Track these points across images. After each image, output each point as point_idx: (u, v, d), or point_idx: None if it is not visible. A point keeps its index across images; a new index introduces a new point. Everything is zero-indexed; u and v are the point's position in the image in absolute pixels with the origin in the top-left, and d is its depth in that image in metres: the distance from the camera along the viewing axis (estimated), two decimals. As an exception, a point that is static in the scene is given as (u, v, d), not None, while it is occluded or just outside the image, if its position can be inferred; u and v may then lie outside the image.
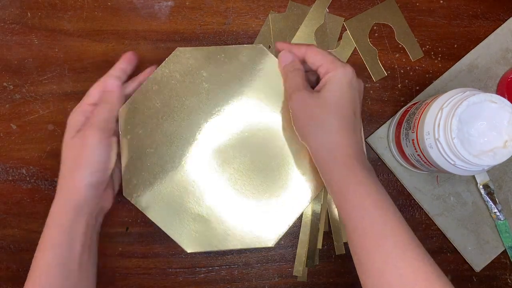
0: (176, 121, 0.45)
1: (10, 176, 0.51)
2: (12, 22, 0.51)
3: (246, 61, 0.46)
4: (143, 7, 0.52)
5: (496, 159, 0.39)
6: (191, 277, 0.52)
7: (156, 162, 0.45)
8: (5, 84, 0.51)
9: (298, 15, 0.53)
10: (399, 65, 0.53)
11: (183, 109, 0.45)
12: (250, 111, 0.45)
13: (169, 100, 0.45)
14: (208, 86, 0.45)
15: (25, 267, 0.50)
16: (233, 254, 0.52)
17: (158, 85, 0.45)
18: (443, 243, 0.53)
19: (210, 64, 0.46)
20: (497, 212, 0.51)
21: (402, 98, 0.53)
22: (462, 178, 0.52)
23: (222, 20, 0.53)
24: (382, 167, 0.53)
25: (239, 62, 0.46)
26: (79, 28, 0.52)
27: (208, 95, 0.45)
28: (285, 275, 0.52)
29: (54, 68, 0.51)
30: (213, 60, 0.46)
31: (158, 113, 0.45)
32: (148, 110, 0.45)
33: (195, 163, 0.45)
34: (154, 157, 0.45)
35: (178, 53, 0.46)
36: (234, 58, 0.46)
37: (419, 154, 0.44)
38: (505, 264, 0.53)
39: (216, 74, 0.46)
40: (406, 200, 0.53)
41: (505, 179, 0.52)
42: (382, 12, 0.53)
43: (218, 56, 0.46)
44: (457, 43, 0.53)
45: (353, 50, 0.53)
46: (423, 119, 0.42)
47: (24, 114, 0.51)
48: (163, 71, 0.46)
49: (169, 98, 0.45)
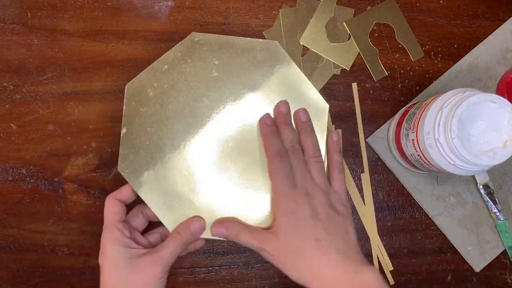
0: (180, 105, 0.45)
1: (10, 176, 0.51)
2: (12, 22, 0.51)
3: (259, 56, 0.45)
4: (143, 7, 0.52)
5: (496, 159, 0.39)
6: (191, 277, 0.52)
7: (155, 142, 0.44)
8: (5, 84, 0.51)
9: (308, 9, 0.53)
10: (399, 65, 0.53)
11: (189, 94, 0.45)
12: (255, 106, 0.45)
13: (177, 83, 0.45)
14: (217, 75, 0.45)
15: (25, 267, 0.50)
16: (233, 254, 0.52)
17: (168, 66, 0.45)
18: (443, 243, 0.53)
19: (223, 54, 0.45)
20: (497, 212, 0.51)
21: (402, 98, 0.53)
22: (462, 178, 0.52)
23: (222, 20, 0.53)
24: (382, 167, 0.53)
25: (252, 56, 0.46)
26: (79, 28, 0.52)
27: (217, 84, 0.45)
28: (285, 275, 0.52)
29: (54, 68, 0.51)
30: (226, 49, 0.45)
31: (164, 95, 0.45)
32: (155, 90, 0.45)
33: (194, 149, 0.44)
34: (154, 137, 0.44)
35: (193, 38, 0.46)
36: (248, 51, 0.45)
37: (419, 154, 0.44)
38: (505, 264, 0.53)
39: (227, 64, 0.45)
40: (406, 200, 0.53)
41: (505, 179, 0.52)
42: (382, 12, 0.53)
43: (232, 46, 0.45)
44: (457, 43, 0.53)
45: (357, 53, 0.53)
46: (423, 119, 0.42)
47: (24, 114, 0.51)
48: (175, 54, 0.45)
49: (177, 81, 0.45)
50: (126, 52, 0.52)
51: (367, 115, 0.53)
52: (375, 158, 0.53)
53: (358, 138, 0.53)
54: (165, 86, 0.45)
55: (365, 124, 0.53)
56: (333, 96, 0.53)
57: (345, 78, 0.53)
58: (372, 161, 0.53)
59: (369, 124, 0.53)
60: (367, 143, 0.53)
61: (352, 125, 0.53)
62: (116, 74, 0.51)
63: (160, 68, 0.45)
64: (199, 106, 0.45)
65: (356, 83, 0.53)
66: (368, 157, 0.52)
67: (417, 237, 0.53)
